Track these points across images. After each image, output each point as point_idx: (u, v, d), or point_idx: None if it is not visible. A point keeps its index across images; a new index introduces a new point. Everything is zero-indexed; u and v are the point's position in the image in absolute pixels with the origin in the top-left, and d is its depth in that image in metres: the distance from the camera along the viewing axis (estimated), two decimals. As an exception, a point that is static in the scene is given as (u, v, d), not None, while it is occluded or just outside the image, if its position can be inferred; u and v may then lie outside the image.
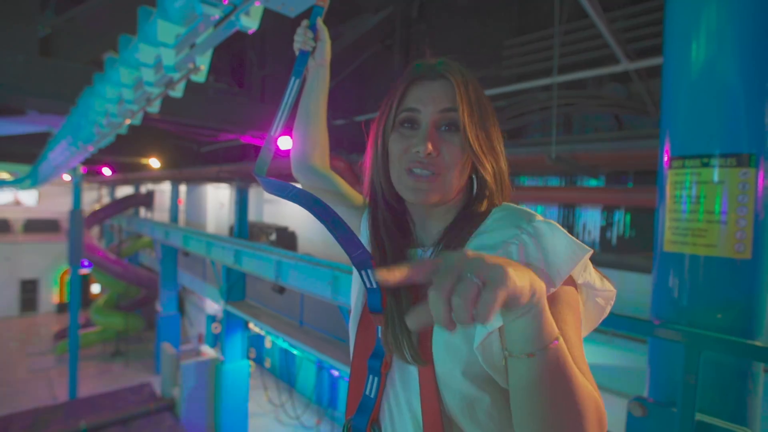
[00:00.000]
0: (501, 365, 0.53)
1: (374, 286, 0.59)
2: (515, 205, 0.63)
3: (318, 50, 0.83)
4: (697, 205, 1.12)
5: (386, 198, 0.69)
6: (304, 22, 0.82)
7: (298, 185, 0.74)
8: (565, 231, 0.54)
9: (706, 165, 1.11)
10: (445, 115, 0.61)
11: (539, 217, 0.56)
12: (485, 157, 0.62)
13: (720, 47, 1.11)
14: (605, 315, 0.59)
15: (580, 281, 0.55)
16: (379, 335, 0.61)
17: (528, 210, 0.59)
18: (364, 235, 0.75)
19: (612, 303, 0.59)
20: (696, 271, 1.13)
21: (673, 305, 1.17)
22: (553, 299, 0.50)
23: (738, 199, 1.06)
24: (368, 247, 0.69)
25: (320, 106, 0.88)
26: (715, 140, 1.10)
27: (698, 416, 1.07)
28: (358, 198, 0.83)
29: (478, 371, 0.55)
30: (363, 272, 0.58)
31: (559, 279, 0.50)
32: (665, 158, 1.21)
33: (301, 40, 0.80)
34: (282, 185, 0.59)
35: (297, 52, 0.81)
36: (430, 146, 0.59)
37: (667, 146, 1.21)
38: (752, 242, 1.06)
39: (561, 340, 0.43)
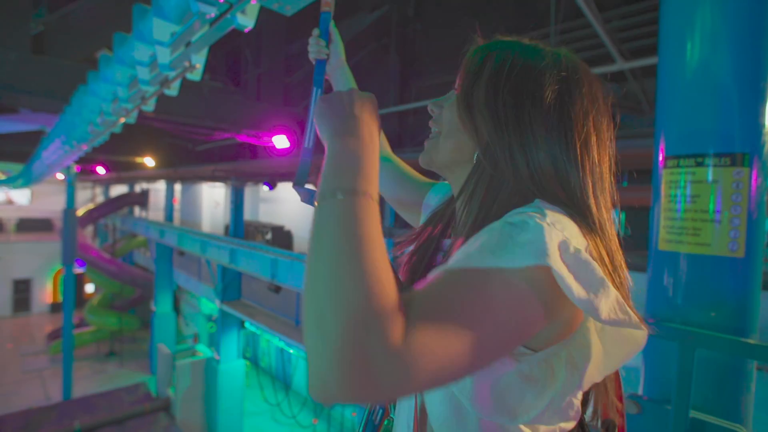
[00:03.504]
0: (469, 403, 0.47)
1: None
2: (547, 205, 0.46)
3: (332, 54, 0.84)
4: (692, 204, 1.13)
5: None
6: (315, 32, 0.81)
7: None
8: (555, 235, 0.40)
9: (700, 164, 1.12)
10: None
11: (538, 215, 0.42)
12: (472, 123, 0.52)
13: (714, 47, 1.12)
14: (628, 356, 0.50)
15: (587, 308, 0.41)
16: None
17: (541, 210, 0.43)
18: (425, 213, 0.76)
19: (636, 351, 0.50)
20: (690, 270, 1.14)
21: (667, 303, 1.18)
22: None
23: (732, 198, 1.07)
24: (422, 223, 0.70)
25: None
26: (709, 140, 1.11)
27: (692, 413, 1.07)
28: (420, 177, 0.86)
29: (457, 400, 0.50)
30: None
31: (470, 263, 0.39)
32: (660, 157, 1.22)
33: (315, 50, 0.81)
34: None
35: (313, 62, 0.81)
36: (435, 103, 0.61)
37: (661, 145, 1.22)
38: (746, 241, 1.07)
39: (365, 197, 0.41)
